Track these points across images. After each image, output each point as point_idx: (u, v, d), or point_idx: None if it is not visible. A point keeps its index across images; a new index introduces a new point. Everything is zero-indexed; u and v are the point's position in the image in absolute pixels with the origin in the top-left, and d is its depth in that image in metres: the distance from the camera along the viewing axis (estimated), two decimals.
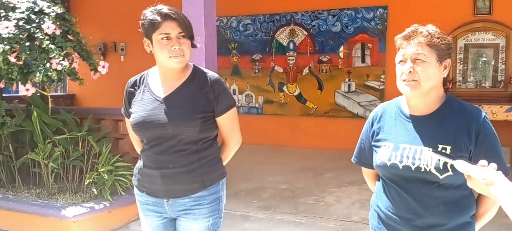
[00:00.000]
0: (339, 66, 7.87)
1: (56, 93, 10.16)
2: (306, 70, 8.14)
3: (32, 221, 4.13)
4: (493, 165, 1.27)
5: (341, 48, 7.83)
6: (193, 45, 2.00)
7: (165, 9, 1.93)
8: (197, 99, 1.99)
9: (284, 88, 8.34)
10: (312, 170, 6.39)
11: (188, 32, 1.95)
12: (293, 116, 8.27)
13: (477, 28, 6.83)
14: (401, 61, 1.64)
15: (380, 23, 7.52)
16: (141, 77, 2.11)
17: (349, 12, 7.75)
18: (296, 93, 8.25)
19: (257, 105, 8.60)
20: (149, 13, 1.93)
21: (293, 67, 8.24)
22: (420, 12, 6.73)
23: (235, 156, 2.23)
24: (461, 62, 6.99)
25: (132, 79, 2.13)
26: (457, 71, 7.01)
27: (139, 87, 2.08)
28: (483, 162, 1.29)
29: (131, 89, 2.11)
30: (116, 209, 4.23)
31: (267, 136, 8.23)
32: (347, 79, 7.82)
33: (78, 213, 4.01)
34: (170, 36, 1.91)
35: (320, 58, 8.01)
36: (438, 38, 1.61)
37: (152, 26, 1.92)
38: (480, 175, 1.25)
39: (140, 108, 2.03)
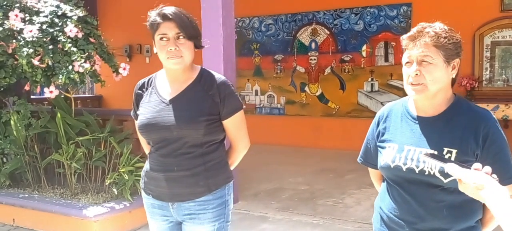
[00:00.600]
0: (362, 66, 7.78)
1: (84, 95, 10.41)
2: (328, 70, 8.09)
3: (55, 220, 4.24)
4: (487, 169, 1.24)
5: (364, 47, 7.74)
6: (198, 46, 1.99)
7: (166, 9, 1.93)
8: (202, 102, 1.98)
9: (306, 88, 8.30)
10: (332, 171, 6.34)
11: (187, 33, 1.92)
12: (315, 117, 8.23)
13: (504, 24, 6.64)
14: (407, 62, 1.59)
15: (404, 21, 7.40)
16: (149, 80, 2.12)
17: (372, 10, 7.66)
18: (318, 93, 8.20)
19: (279, 106, 8.59)
20: (152, 14, 1.96)
21: (315, 67, 8.19)
22: (444, 9, 6.59)
23: (256, 156, 2.20)
24: (488, 60, 6.81)
25: (140, 82, 2.14)
26: (484, 70, 6.84)
27: (147, 89, 2.10)
28: (477, 165, 1.25)
29: (139, 91, 2.12)
30: (136, 209, 4.29)
31: (289, 136, 8.22)
32: (370, 79, 7.73)
33: (99, 213, 4.09)
34: (167, 36, 1.92)
35: (342, 57, 7.94)
36: (445, 37, 1.55)
37: (152, 27, 1.95)
38: (471, 179, 1.22)
39: (146, 110, 2.04)
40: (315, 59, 8.19)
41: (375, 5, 7.60)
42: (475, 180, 1.21)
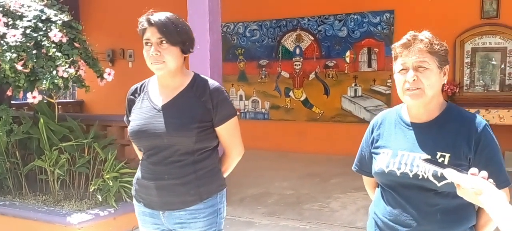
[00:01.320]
0: (346, 71, 7.85)
1: (65, 100, 10.26)
2: (312, 76, 8.13)
3: (38, 228, 4.16)
4: (484, 173, 1.25)
5: (348, 53, 7.81)
6: (185, 52, 1.96)
7: (153, 15, 1.91)
8: (194, 108, 1.95)
9: (291, 93, 8.34)
10: (318, 175, 6.37)
11: (170, 38, 1.89)
12: (300, 121, 8.26)
13: (485, 31, 6.78)
14: (402, 70, 1.61)
15: (386, 27, 7.50)
16: (142, 85, 2.10)
17: (355, 16, 7.74)
18: (302, 98, 8.25)
19: (263, 110, 8.60)
20: (141, 20, 1.95)
21: (299, 73, 8.24)
22: (427, 17, 6.71)
23: (241, 162, 2.16)
24: (468, 66, 6.94)
25: (133, 87, 2.12)
26: (465, 76, 6.96)
27: (139, 95, 2.07)
28: (474, 170, 1.27)
29: (131, 97, 2.10)
30: (121, 215, 4.25)
31: (274, 141, 8.23)
32: (353, 84, 7.80)
33: (83, 220, 4.03)
34: (150, 42, 1.91)
35: (327, 63, 8.00)
36: (437, 44, 1.59)
37: (140, 33, 1.94)
38: (469, 184, 1.24)
39: (138, 116, 2.01)
40: (299, 65, 8.23)
41: (359, 12, 7.68)
42: (474, 185, 1.23)
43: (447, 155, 1.57)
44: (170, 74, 1.96)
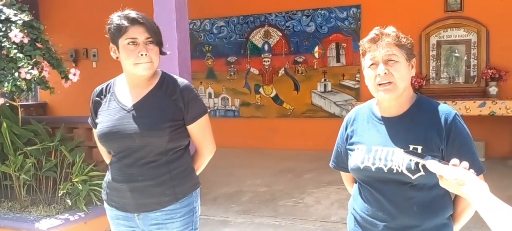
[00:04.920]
0: (315, 67, 7.90)
1: (27, 103, 9.92)
2: (282, 72, 8.15)
3: None
4: (465, 164, 1.26)
5: (316, 49, 7.86)
6: (162, 52, 1.93)
7: (132, 13, 1.85)
8: (166, 107, 1.91)
9: (260, 90, 8.32)
10: (290, 171, 6.38)
11: (156, 38, 1.87)
12: (270, 118, 8.26)
13: (449, 24, 6.95)
14: (372, 64, 1.62)
15: (353, 22, 7.57)
16: (107, 86, 2.03)
17: (322, 12, 7.79)
18: (272, 95, 8.25)
19: (233, 108, 8.56)
20: (116, 18, 1.86)
21: (268, 69, 8.23)
22: (392, 11, 6.82)
23: (213, 160, 2.16)
24: (434, 59, 7.09)
25: (98, 88, 2.05)
26: (430, 68, 7.11)
27: (105, 96, 2.00)
28: (455, 161, 1.28)
29: (97, 98, 2.03)
30: (92, 219, 4.12)
31: (245, 138, 8.20)
32: (322, 80, 7.85)
33: (53, 226, 3.89)
34: (137, 41, 1.84)
35: (296, 59, 8.02)
36: (404, 38, 1.62)
37: (118, 31, 1.84)
38: (452, 175, 1.25)
39: (106, 118, 1.95)
40: (268, 61, 8.22)
41: (326, 7, 7.74)
42: (457, 176, 1.24)
43: (419, 147, 1.58)
44: (150, 75, 1.92)
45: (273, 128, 8.15)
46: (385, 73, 1.58)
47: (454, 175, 1.25)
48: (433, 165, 1.31)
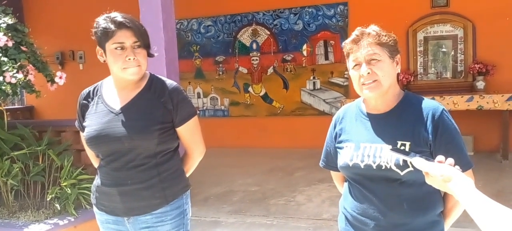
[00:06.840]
0: (303, 65, 7.90)
1: (13, 107, 9.80)
2: (270, 70, 8.13)
3: None
4: (450, 160, 1.26)
5: (304, 47, 7.86)
6: (150, 55, 1.90)
7: (119, 17, 1.82)
8: (154, 109, 1.89)
9: (250, 89, 8.30)
10: (281, 170, 6.38)
11: (143, 41, 1.84)
12: (260, 117, 8.25)
13: (436, 20, 6.99)
14: (355, 65, 1.63)
15: (341, 19, 7.59)
16: (94, 88, 2.00)
17: (310, 10, 7.79)
18: (262, 93, 8.23)
19: (223, 107, 8.53)
20: (102, 21, 1.82)
21: (257, 68, 8.22)
22: (379, 7, 6.84)
23: (203, 160, 2.13)
24: (422, 55, 7.13)
25: (85, 91, 2.02)
26: (418, 64, 7.15)
27: (92, 99, 1.97)
28: (440, 157, 1.28)
29: (84, 101, 1.99)
30: (81, 224, 4.07)
31: (235, 138, 8.18)
32: (311, 77, 7.86)
33: None
34: (125, 45, 1.81)
35: (284, 57, 8.02)
36: (385, 35, 1.63)
37: (105, 35, 1.81)
38: (438, 172, 1.25)
39: (94, 121, 1.92)
40: (257, 60, 8.21)
41: (313, 5, 7.74)
42: (443, 173, 1.24)
43: (408, 143, 1.58)
44: (138, 78, 1.89)
45: (263, 126, 8.14)
46: (368, 73, 1.59)
47: (440, 172, 1.25)
48: (418, 162, 1.31)
